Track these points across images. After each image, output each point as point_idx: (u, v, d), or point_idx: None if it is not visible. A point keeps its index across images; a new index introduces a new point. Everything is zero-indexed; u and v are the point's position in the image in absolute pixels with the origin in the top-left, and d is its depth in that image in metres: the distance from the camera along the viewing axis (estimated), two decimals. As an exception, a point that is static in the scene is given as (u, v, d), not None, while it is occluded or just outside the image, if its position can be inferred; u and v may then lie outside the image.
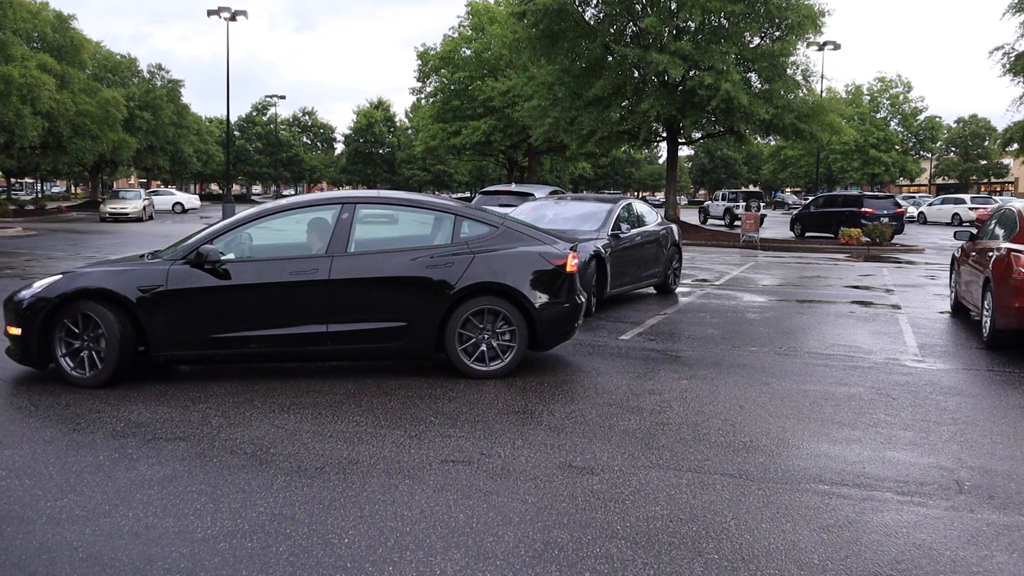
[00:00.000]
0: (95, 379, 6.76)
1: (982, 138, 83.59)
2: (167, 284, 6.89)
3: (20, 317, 6.86)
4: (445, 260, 7.28)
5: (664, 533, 4.12)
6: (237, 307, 7.03)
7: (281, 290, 7.07)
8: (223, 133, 77.39)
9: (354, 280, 7.12)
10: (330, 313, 7.09)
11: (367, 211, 7.57)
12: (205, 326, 6.96)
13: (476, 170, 79.76)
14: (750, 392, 7.04)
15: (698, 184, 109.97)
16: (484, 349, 7.33)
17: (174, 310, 6.90)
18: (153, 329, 6.85)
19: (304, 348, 7.14)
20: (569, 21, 29.38)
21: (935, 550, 3.99)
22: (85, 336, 6.80)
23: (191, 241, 7.26)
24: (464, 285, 7.22)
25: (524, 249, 7.51)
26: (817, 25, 28.90)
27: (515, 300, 7.35)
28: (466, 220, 7.61)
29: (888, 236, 26.58)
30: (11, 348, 7.08)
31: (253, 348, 7.08)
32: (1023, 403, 6.85)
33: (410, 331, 7.21)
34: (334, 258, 7.16)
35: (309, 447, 5.38)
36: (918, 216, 48.11)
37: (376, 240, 7.56)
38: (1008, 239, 9.26)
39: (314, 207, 7.65)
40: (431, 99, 51.41)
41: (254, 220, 7.41)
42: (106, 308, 6.77)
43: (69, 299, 6.79)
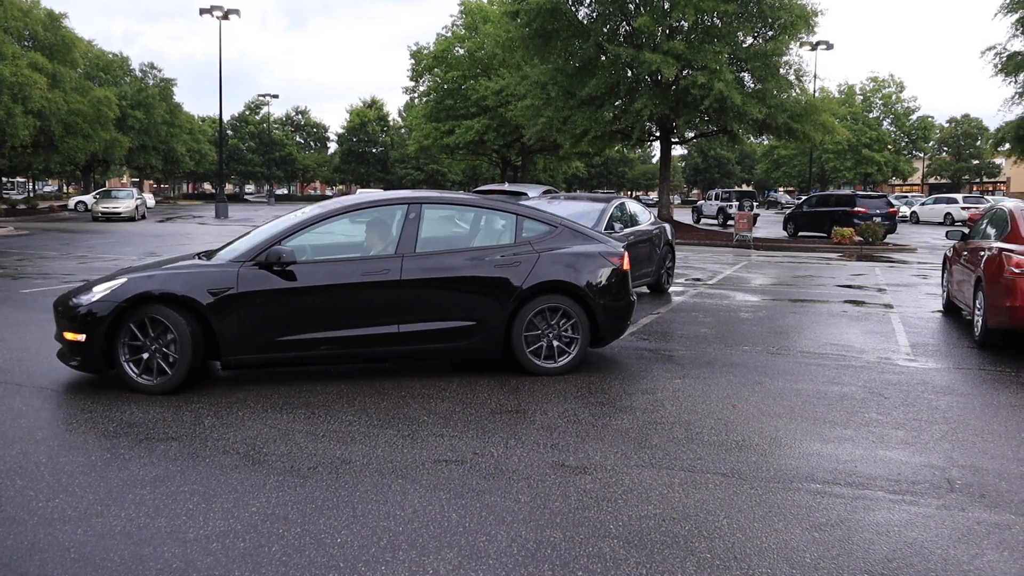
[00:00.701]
0: (164, 386, 6.56)
1: (974, 138, 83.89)
2: (238, 286, 6.73)
3: (83, 322, 6.57)
4: (512, 260, 7.42)
5: (656, 532, 4.13)
6: (309, 309, 6.92)
7: (353, 291, 7.01)
8: (216, 132, 77.19)
9: (426, 280, 7.16)
10: (402, 313, 7.10)
11: (431, 211, 7.60)
12: (276, 329, 6.82)
13: (469, 169, 79.71)
14: (743, 391, 7.05)
15: (691, 183, 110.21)
16: (549, 346, 7.50)
17: (245, 313, 6.73)
18: (223, 333, 6.67)
19: (375, 349, 7.12)
20: (562, 20, 29.40)
21: (926, 548, 4.00)
22: (152, 341, 6.58)
23: (257, 242, 7.07)
24: (531, 284, 7.36)
25: (585, 248, 7.73)
26: (810, 25, 28.97)
27: (578, 298, 7.52)
28: (527, 220, 7.76)
29: (881, 235, 26.66)
30: (64, 352, 6.83)
31: (324, 350, 7.00)
32: (1014, 402, 6.88)
33: (479, 330, 7.29)
34: (404, 258, 7.18)
35: (302, 447, 5.37)
36: (910, 216, 48.24)
37: (441, 240, 7.60)
38: (999, 239, 9.29)
39: (380, 207, 7.63)
40: (424, 98, 51.42)
41: (322, 220, 7.31)
42: (176, 312, 6.58)
43: (137, 303, 6.57)
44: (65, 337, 6.75)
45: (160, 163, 71.04)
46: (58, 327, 6.92)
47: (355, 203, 7.66)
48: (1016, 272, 8.35)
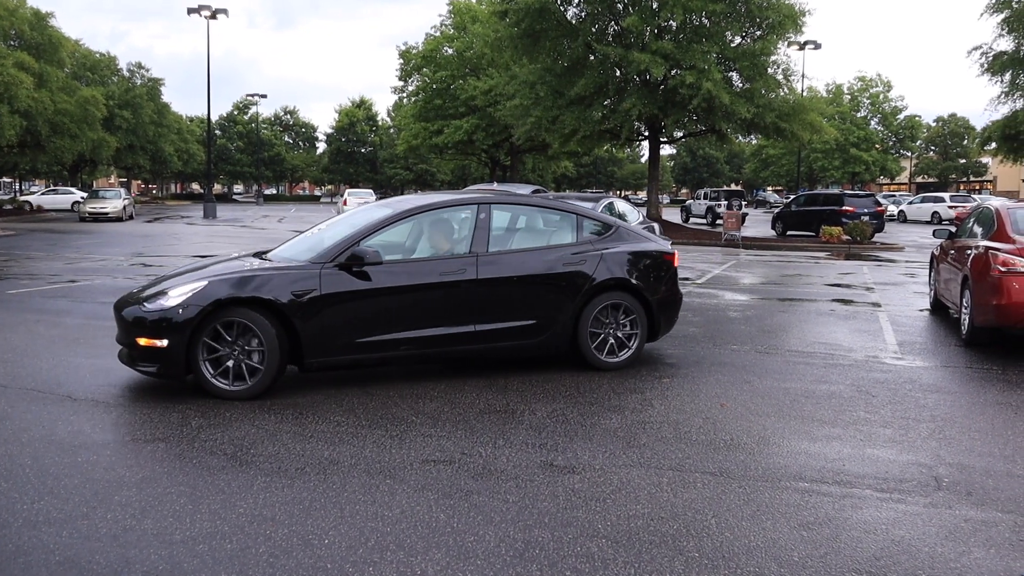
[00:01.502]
0: (250, 391, 6.43)
1: (961, 137, 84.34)
2: (321, 288, 6.65)
3: (163, 327, 6.34)
4: (578, 259, 7.63)
5: (645, 531, 4.13)
6: (389, 310, 6.92)
7: (432, 291, 7.06)
8: (204, 132, 76.90)
9: (500, 279, 7.27)
10: (478, 312, 7.18)
11: (499, 211, 7.73)
12: (357, 330, 6.78)
13: (458, 169, 79.65)
14: (731, 390, 7.06)
15: (680, 183, 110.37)
16: (612, 342, 7.70)
17: (328, 314, 6.65)
18: (307, 336, 6.57)
19: (452, 348, 7.18)
20: (551, 20, 29.41)
21: (914, 546, 4.01)
22: (234, 345, 6.43)
23: (335, 243, 6.97)
24: (597, 282, 7.59)
25: (641, 247, 8.05)
26: (798, 24, 29.08)
27: (638, 295, 7.80)
28: (586, 220, 8.02)
29: (868, 234, 26.77)
30: (134, 357, 6.57)
31: (403, 351, 7.00)
32: (1001, 400, 6.91)
33: (549, 327, 7.45)
34: (479, 258, 7.27)
35: (289, 447, 5.35)
36: (898, 214, 48.46)
37: (509, 240, 7.73)
38: (986, 237, 9.33)
39: (452, 207, 7.68)
40: (413, 98, 51.39)
41: (397, 221, 7.33)
42: (262, 315, 6.44)
43: (221, 306, 6.38)
44: (139, 343, 6.45)
45: (148, 163, 70.70)
46: (126, 332, 6.64)
47: (427, 203, 7.65)
48: (1002, 271, 8.39)
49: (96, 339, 8.89)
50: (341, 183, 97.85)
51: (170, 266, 17.17)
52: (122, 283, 14.01)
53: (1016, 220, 9.17)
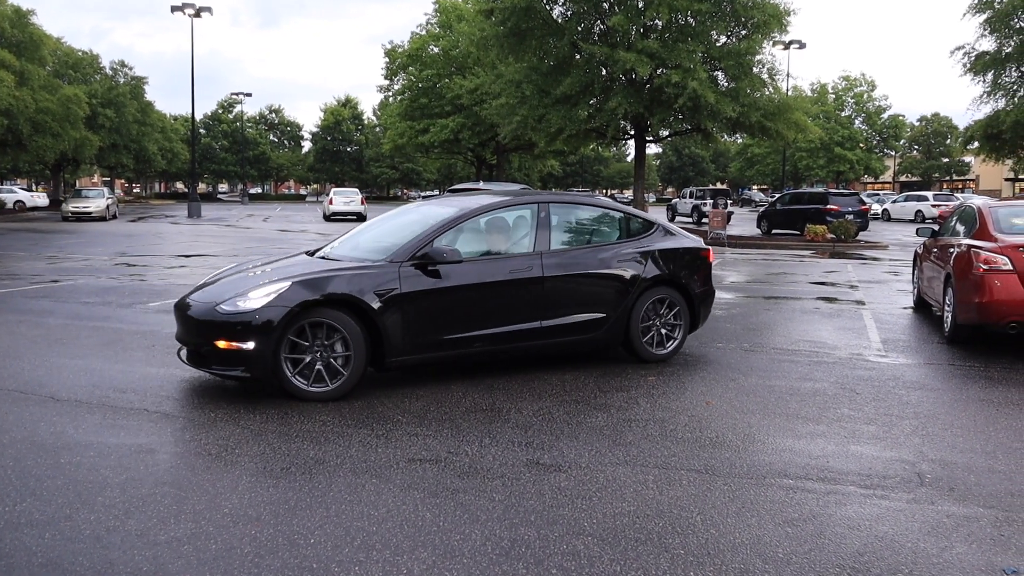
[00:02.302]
0: (336, 392, 6.40)
1: (944, 136, 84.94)
2: (401, 287, 6.68)
3: (249, 329, 6.22)
4: (630, 256, 7.96)
5: (631, 529, 4.14)
6: (463, 307, 7.02)
7: (502, 288, 7.21)
8: (188, 131, 76.52)
9: (564, 276, 7.51)
10: (544, 308, 7.38)
11: (557, 210, 7.92)
12: (435, 329, 6.84)
13: (444, 168, 79.65)
14: (717, 388, 7.09)
15: (666, 182, 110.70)
16: (658, 334, 8.08)
17: (407, 313, 6.68)
18: (389, 335, 6.58)
19: (520, 344, 7.35)
20: (537, 19, 29.40)
21: (897, 542, 4.04)
22: (317, 346, 6.38)
23: (411, 241, 7.00)
24: (648, 277, 7.93)
25: (683, 243, 8.44)
26: (783, 24, 29.16)
27: (682, 289, 8.20)
28: (632, 218, 8.40)
29: (853, 233, 26.89)
30: (209, 359, 6.44)
31: (477, 348, 7.12)
32: (982, 396, 6.96)
33: (607, 322, 7.72)
34: (543, 255, 7.47)
35: (275, 447, 5.33)
36: (882, 213, 48.72)
37: (566, 237, 7.96)
38: (968, 236, 9.40)
39: (516, 207, 7.84)
40: (399, 97, 51.37)
41: (466, 219, 7.41)
42: (347, 315, 6.43)
43: (308, 307, 6.34)
44: (219, 346, 6.31)
45: (131, 162, 70.26)
46: (199, 335, 6.52)
47: (492, 203, 7.75)
48: (984, 269, 8.46)
49: (79, 339, 8.84)
50: (327, 182, 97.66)
51: (155, 265, 17.08)
52: (105, 283, 13.93)
53: (998, 219, 9.24)
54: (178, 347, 7.16)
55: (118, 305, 11.41)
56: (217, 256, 19.97)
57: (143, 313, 10.76)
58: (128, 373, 7.32)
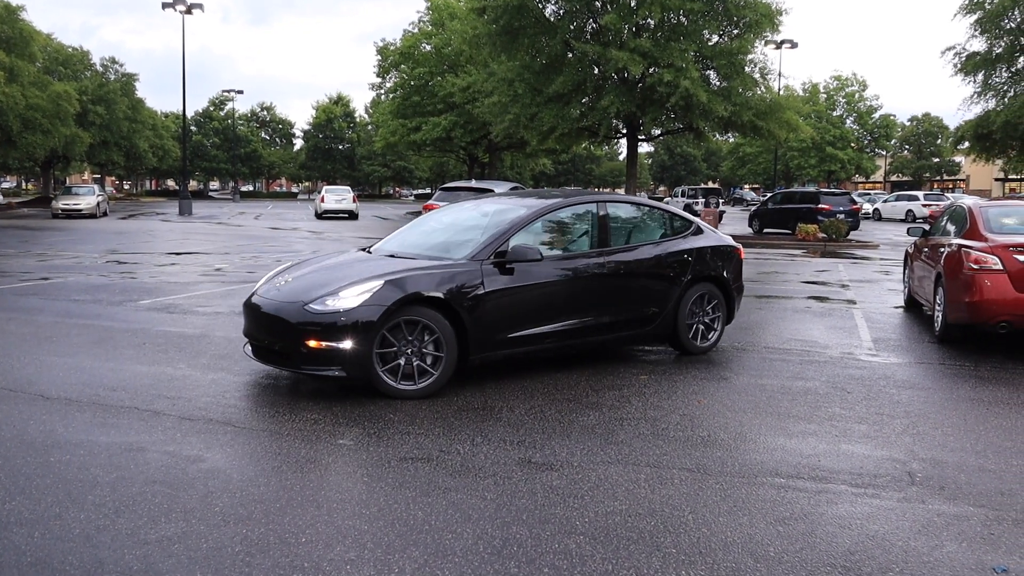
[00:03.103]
0: (427, 389, 6.46)
1: (935, 136, 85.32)
2: (484, 284, 6.78)
3: (346, 329, 6.21)
4: (678, 253, 8.28)
5: (623, 528, 4.14)
6: (536, 304, 7.17)
7: (570, 285, 7.42)
8: (179, 128, 76.26)
9: (623, 272, 7.79)
10: (605, 304, 7.62)
11: (612, 209, 8.17)
12: (512, 325, 6.97)
13: (436, 166, 79.54)
14: (708, 387, 7.10)
15: (658, 181, 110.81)
16: (701, 328, 8.41)
17: (489, 310, 6.79)
18: (474, 332, 6.67)
19: (584, 340, 7.60)
20: (529, 17, 29.41)
21: (888, 541, 4.05)
22: (408, 344, 6.42)
23: (489, 239, 7.12)
24: (693, 274, 8.28)
25: (720, 241, 8.82)
26: (775, 23, 29.25)
27: (721, 284, 8.60)
28: (674, 217, 8.75)
29: (844, 232, 26.96)
30: (297, 360, 6.39)
31: (547, 343, 7.29)
32: (973, 396, 6.99)
33: (658, 316, 8.04)
34: (604, 253, 7.74)
35: (266, 446, 5.31)
36: (873, 213, 48.90)
37: (623, 235, 8.23)
38: (959, 235, 9.43)
39: (578, 205, 8.03)
40: (391, 95, 51.24)
41: (535, 218, 7.54)
42: (438, 312, 6.52)
43: (402, 305, 6.37)
44: (310, 345, 6.28)
45: (122, 159, 70.01)
46: (288, 335, 6.45)
47: (558, 203, 7.90)
48: (975, 268, 8.49)
49: (69, 337, 8.80)
50: (318, 180, 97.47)
51: (146, 263, 17.02)
52: (96, 280, 13.87)
53: (988, 218, 9.27)
54: (243, 342, 7.36)
55: (108, 303, 11.36)
56: (209, 254, 19.90)
57: (134, 311, 10.72)
58: (118, 371, 7.29)
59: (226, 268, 16.48)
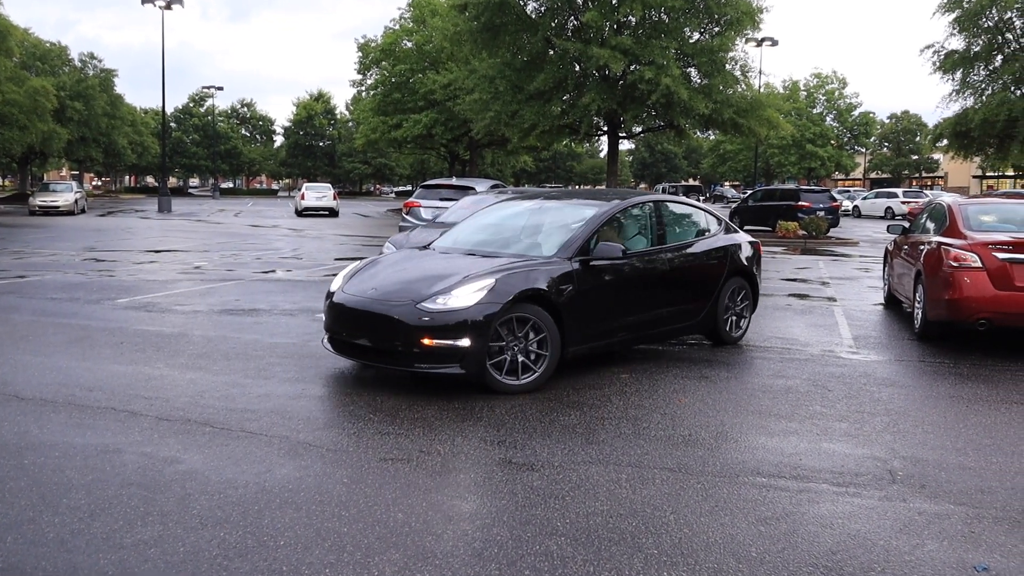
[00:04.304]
0: (531, 384, 6.64)
1: (913, 134, 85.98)
2: (576, 281, 6.99)
3: (464, 326, 6.31)
4: (717, 249, 8.76)
5: (604, 529, 4.11)
6: (612, 299, 7.42)
7: (640, 280, 7.76)
8: (158, 124, 75.62)
9: (680, 268, 8.24)
10: (666, 298, 8.03)
11: (664, 208, 8.54)
12: (594, 320, 7.20)
13: (417, 163, 79.33)
14: (689, 385, 7.09)
15: (639, 178, 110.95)
16: (735, 319, 8.94)
17: (579, 306, 7.00)
18: (569, 326, 6.87)
19: (648, 333, 7.96)
20: (510, 14, 29.37)
21: (869, 540, 4.05)
22: (515, 340, 6.57)
23: (574, 237, 7.33)
24: (729, 268, 8.77)
25: (744, 238, 9.34)
26: (755, 21, 29.36)
27: (749, 278, 9.14)
28: (708, 215, 9.23)
29: (824, 229, 27.06)
30: (410, 358, 6.43)
31: (620, 336, 7.60)
32: (952, 393, 7.02)
33: (703, 309, 8.47)
34: (663, 249, 8.13)
35: (246, 447, 5.24)
36: (853, 210, 49.17)
37: (675, 233, 8.56)
38: (938, 233, 9.48)
39: (638, 204, 8.29)
40: (372, 92, 50.97)
41: (607, 217, 7.72)
42: (543, 309, 6.69)
43: (516, 302, 6.52)
44: (425, 343, 6.33)
45: (101, 156, 69.41)
46: (400, 334, 6.44)
47: (630, 202, 8.23)
48: (954, 266, 8.53)
49: (45, 336, 8.69)
50: (299, 177, 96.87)
51: (124, 261, 16.86)
52: (73, 279, 13.72)
53: (967, 216, 9.33)
54: (324, 336, 7.40)
55: (86, 301, 11.23)
56: (188, 251, 19.74)
57: (111, 309, 10.60)
58: (95, 371, 7.20)
59: (205, 266, 16.34)
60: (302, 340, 8.66)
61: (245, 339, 8.70)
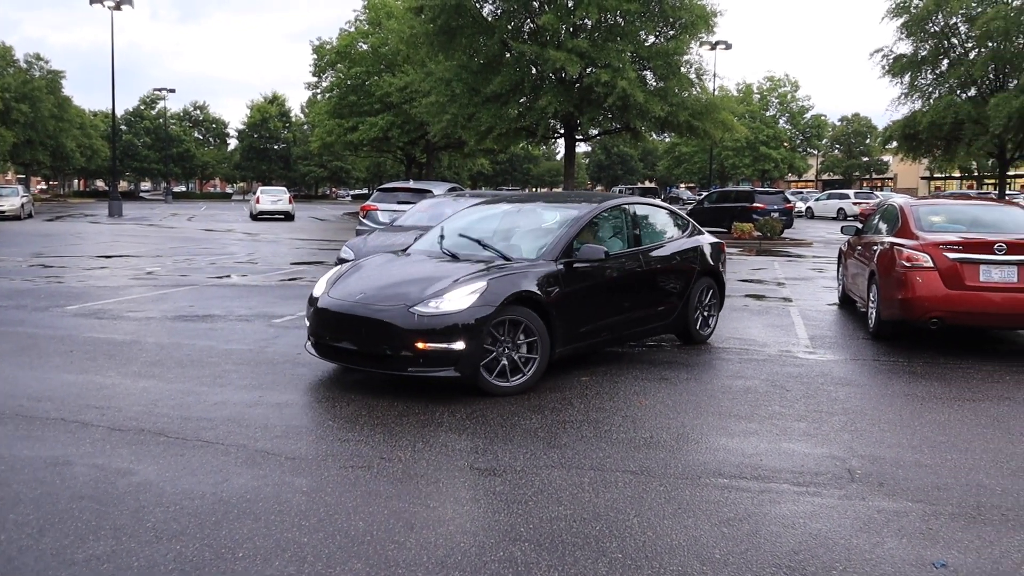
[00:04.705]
0: (523, 386, 6.70)
1: (864, 136, 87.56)
2: (561, 282, 7.08)
3: (459, 329, 6.31)
4: (688, 250, 8.92)
5: (568, 533, 4.09)
6: (594, 300, 7.49)
7: (620, 282, 7.86)
8: (108, 127, 74.28)
9: (655, 269, 8.37)
10: (643, 299, 8.14)
11: (639, 210, 8.70)
12: (579, 321, 7.26)
13: (374, 166, 78.85)
14: (649, 387, 7.10)
15: (595, 180, 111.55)
16: (703, 318, 9.07)
17: (565, 308, 7.06)
18: (558, 328, 6.95)
19: (626, 333, 8.05)
20: (467, 17, 29.32)
21: (830, 539, 4.07)
22: (505, 342, 6.62)
23: (558, 240, 7.41)
24: (699, 269, 8.93)
25: (711, 239, 9.50)
26: (710, 25, 29.64)
27: (716, 277, 9.29)
28: (679, 217, 9.38)
29: (778, 230, 27.39)
30: (402, 362, 6.39)
31: (603, 337, 7.68)
32: (907, 391, 7.12)
33: (676, 309, 8.62)
34: (639, 251, 8.25)
35: (202, 456, 5.13)
36: (806, 211, 49.88)
37: (650, 235, 8.68)
38: (891, 234, 9.62)
39: (613, 208, 8.37)
40: (327, 94, 50.59)
41: (589, 219, 7.84)
42: (533, 311, 6.75)
43: (508, 304, 6.56)
44: (419, 347, 6.32)
45: (48, 159, 67.99)
46: (394, 338, 6.39)
47: (608, 205, 8.32)
48: (907, 266, 8.66)
49: (-9, 345, 8.44)
50: (253, 180, 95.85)
51: (73, 267, 16.49)
52: (20, 285, 13.38)
53: (919, 217, 9.48)
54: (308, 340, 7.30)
55: (33, 308, 10.95)
56: (140, 257, 19.38)
57: (60, 317, 10.34)
58: (44, 380, 7.01)
59: (158, 271, 16.05)
60: (258, 346, 8.53)
61: (200, 346, 8.55)
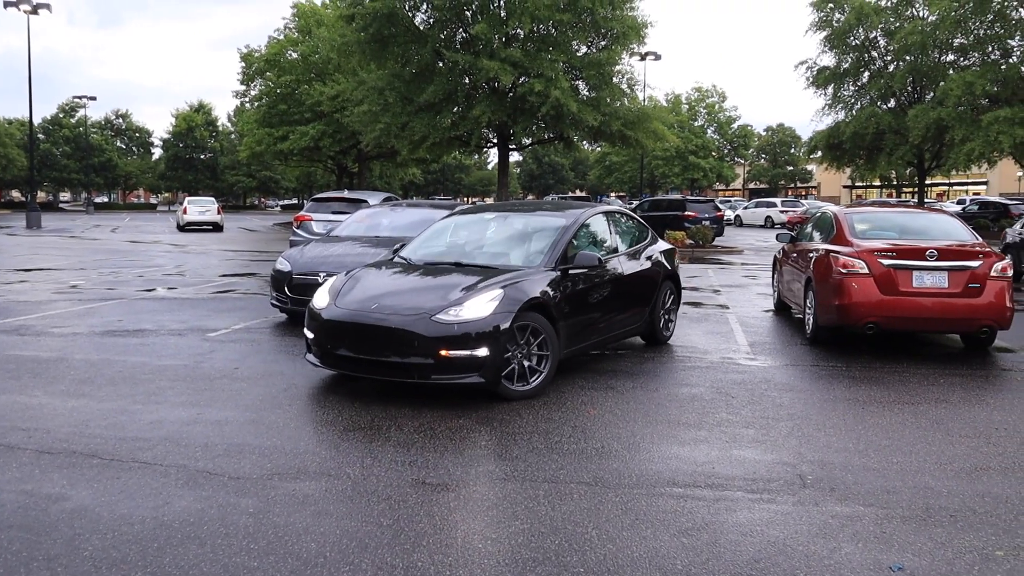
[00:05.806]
0: (534, 390, 6.87)
1: (788, 145, 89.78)
2: (562, 289, 7.27)
3: (482, 337, 6.45)
4: (655, 255, 9.31)
5: (526, 548, 4.00)
6: (587, 305, 7.69)
7: (607, 287, 8.05)
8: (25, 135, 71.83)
9: (634, 274, 8.67)
10: (622, 304, 8.41)
11: (616, 219, 9.08)
12: (576, 326, 7.44)
13: (304, 176, 77.80)
14: (596, 396, 7.06)
15: (526, 189, 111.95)
16: (666, 320, 9.51)
17: (567, 312, 7.27)
18: (563, 332, 7.17)
19: (609, 335, 8.30)
20: (399, 26, 29.15)
21: (789, 546, 4.07)
22: (519, 347, 6.77)
23: (552, 246, 7.61)
24: (663, 274, 9.35)
25: (667, 245, 9.96)
26: (640, 36, 30.00)
27: (676, 281, 9.77)
28: (643, 225, 9.77)
29: (710, 238, 27.80)
30: (425, 370, 6.46)
31: (593, 340, 7.93)
32: (848, 396, 7.22)
33: (646, 312, 9.00)
34: (618, 257, 8.56)
35: (138, 479, 4.90)
36: (735, 219, 50.77)
37: (625, 242, 8.97)
38: (826, 241, 9.79)
39: (599, 215, 8.73)
40: (256, 103, 49.73)
41: (577, 227, 7.99)
42: (543, 317, 6.92)
43: (524, 311, 6.72)
44: (443, 355, 6.40)
45: (-40, 169, 65.36)
46: (415, 347, 6.45)
47: (591, 212, 8.57)
48: (843, 272, 8.81)
49: (-94, 365, 7.99)
50: (179, 190, 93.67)
51: (-9, 281, 15.81)
52: (-65, 301, 12.75)
53: (853, 224, 9.67)
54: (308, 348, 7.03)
55: (-50, 325, 10.43)
56: (62, 270, 18.70)
57: (-20, 334, 9.87)
58: None
59: (83, 285, 15.48)
60: (194, 361, 8.25)
61: (131, 362, 8.24)
